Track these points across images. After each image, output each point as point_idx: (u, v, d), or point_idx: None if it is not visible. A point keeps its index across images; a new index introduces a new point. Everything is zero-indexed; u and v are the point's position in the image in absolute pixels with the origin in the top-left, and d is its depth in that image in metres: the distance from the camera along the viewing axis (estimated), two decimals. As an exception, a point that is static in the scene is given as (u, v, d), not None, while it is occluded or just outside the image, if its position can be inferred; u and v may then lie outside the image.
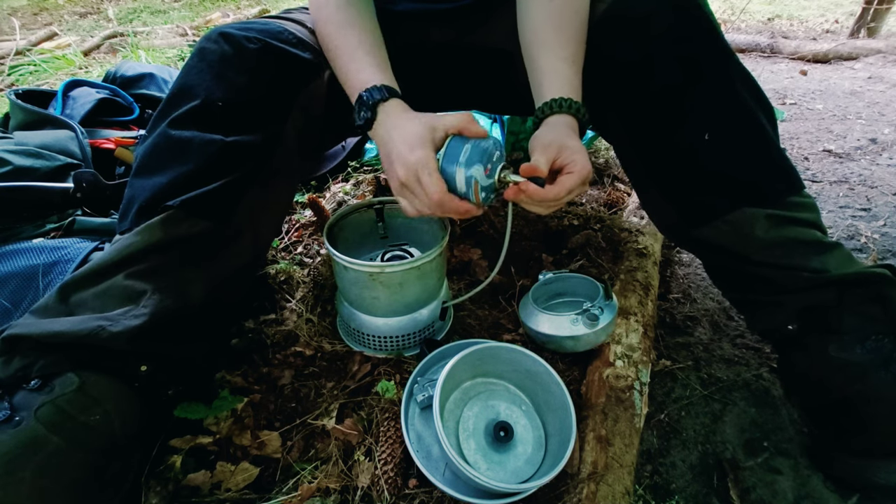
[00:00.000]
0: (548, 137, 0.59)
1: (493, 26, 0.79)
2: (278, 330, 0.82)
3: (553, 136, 0.59)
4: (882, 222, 1.21)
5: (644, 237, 1.03)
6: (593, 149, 1.49)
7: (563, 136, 0.59)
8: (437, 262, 0.75)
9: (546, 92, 0.64)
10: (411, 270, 0.71)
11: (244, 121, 0.64)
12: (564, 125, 0.62)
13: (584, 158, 0.58)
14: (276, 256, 1.01)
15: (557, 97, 0.63)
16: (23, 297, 0.79)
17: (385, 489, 0.60)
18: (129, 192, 0.64)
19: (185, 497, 0.60)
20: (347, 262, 0.70)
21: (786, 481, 0.66)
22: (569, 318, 0.75)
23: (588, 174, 0.59)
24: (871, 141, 1.66)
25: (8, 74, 2.27)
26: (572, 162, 0.58)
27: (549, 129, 0.61)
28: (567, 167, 0.58)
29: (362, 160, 1.38)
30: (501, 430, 0.61)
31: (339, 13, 0.69)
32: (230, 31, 0.67)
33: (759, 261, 0.65)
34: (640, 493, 0.63)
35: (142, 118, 1.33)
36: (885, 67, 2.39)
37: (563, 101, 0.63)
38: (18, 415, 0.50)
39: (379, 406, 0.70)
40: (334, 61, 0.69)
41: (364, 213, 0.86)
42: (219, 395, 0.69)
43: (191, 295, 0.61)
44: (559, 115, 0.63)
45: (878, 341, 0.60)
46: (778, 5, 3.70)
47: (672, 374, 0.81)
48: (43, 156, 1.00)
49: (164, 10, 3.97)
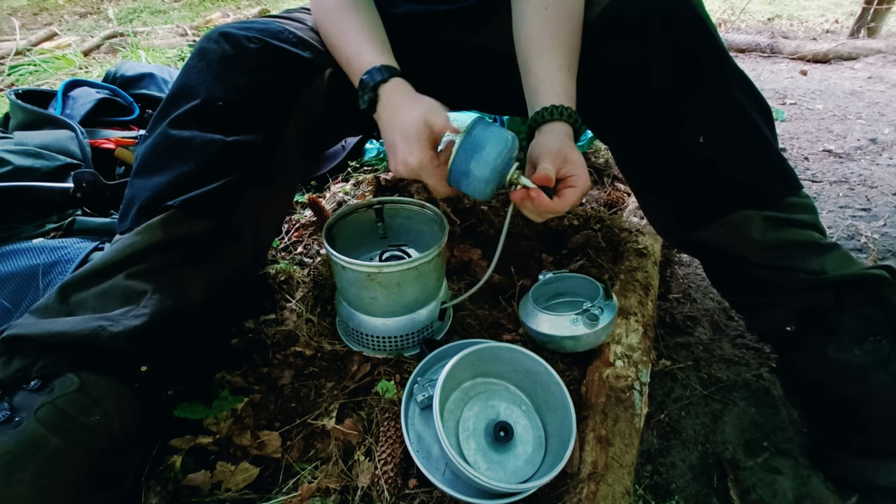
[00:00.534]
0: (553, 147, 0.59)
1: (493, 28, 0.79)
2: (278, 330, 0.82)
3: (558, 146, 0.59)
4: (882, 222, 1.21)
5: (644, 237, 1.03)
6: (593, 149, 1.49)
7: (567, 148, 0.60)
8: (436, 263, 0.75)
9: (542, 98, 0.64)
10: (409, 271, 0.71)
11: (244, 121, 0.64)
12: (564, 134, 0.62)
13: (585, 173, 0.59)
14: (276, 256, 1.01)
15: (553, 105, 0.63)
16: (23, 297, 0.79)
17: (385, 489, 0.60)
18: (130, 191, 0.64)
19: (185, 497, 0.60)
20: (346, 263, 0.70)
21: (786, 481, 0.66)
22: (569, 318, 0.75)
23: (588, 189, 0.60)
24: (871, 141, 1.66)
25: (8, 74, 2.27)
26: (575, 176, 0.58)
27: (552, 138, 0.61)
28: (569, 180, 0.58)
29: (362, 160, 1.38)
30: (501, 430, 0.61)
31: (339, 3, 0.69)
32: (230, 30, 0.67)
33: (757, 262, 0.65)
34: (640, 493, 0.63)
35: (142, 118, 1.33)
36: (885, 67, 2.39)
37: (559, 109, 0.62)
38: (18, 415, 0.50)
39: (379, 406, 0.70)
40: (335, 50, 0.70)
41: (363, 212, 0.86)
42: (219, 395, 0.69)
43: (191, 295, 0.61)
44: (556, 123, 0.63)
45: (876, 342, 0.60)
46: (778, 5, 3.70)
47: (672, 374, 0.81)
48: (43, 156, 1.00)
49: (164, 10, 3.97)
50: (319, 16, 0.72)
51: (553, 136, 0.61)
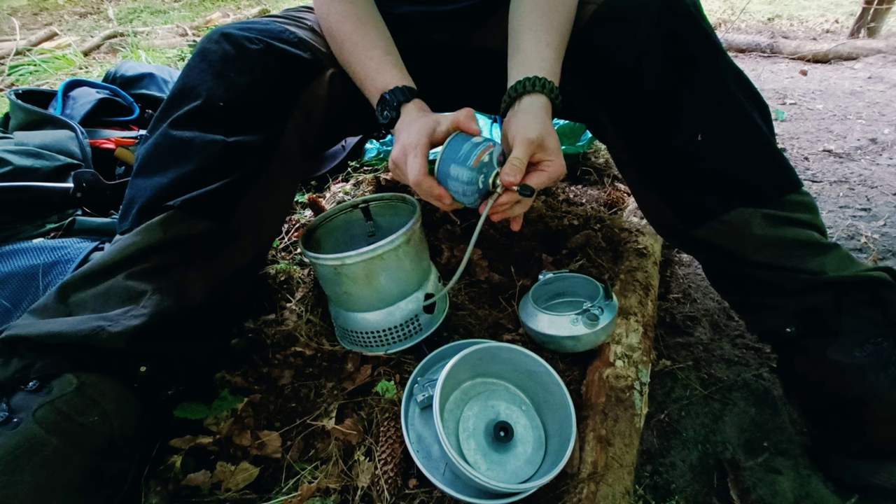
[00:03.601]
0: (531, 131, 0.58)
1: (493, 28, 0.79)
2: (278, 330, 0.82)
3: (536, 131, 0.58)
4: (882, 222, 1.21)
5: (644, 237, 1.03)
6: (593, 149, 1.49)
7: (544, 132, 0.58)
8: (405, 251, 0.71)
9: (526, 69, 0.63)
10: (374, 260, 0.69)
11: (246, 121, 0.64)
12: (542, 109, 0.61)
13: (559, 158, 0.59)
14: (276, 256, 1.01)
15: (534, 76, 0.61)
16: (23, 297, 0.79)
17: (385, 489, 0.60)
18: (130, 191, 0.64)
19: (185, 497, 0.60)
20: (313, 258, 0.70)
21: (786, 481, 0.66)
22: (569, 318, 0.75)
23: (559, 175, 0.60)
24: (871, 141, 1.66)
25: (8, 74, 2.28)
26: (548, 161, 0.59)
27: (529, 119, 0.60)
28: (541, 165, 0.59)
29: (362, 160, 1.38)
30: (501, 430, 0.61)
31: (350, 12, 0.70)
32: (232, 31, 0.67)
33: (756, 262, 0.65)
34: (640, 493, 0.63)
35: (142, 118, 1.33)
36: (885, 67, 2.39)
37: (539, 80, 0.61)
38: (17, 416, 0.50)
39: (379, 406, 0.70)
40: (349, 59, 0.70)
41: (350, 213, 0.85)
42: (219, 395, 0.69)
43: (191, 295, 0.61)
44: (535, 95, 0.61)
45: (877, 344, 0.60)
46: (778, 5, 3.70)
47: (672, 374, 0.81)
48: (43, 156, 1.00)
49: (164, 10, 3.97)
50: (328, 26, 0.72)
51: (531, 117, 0.60)
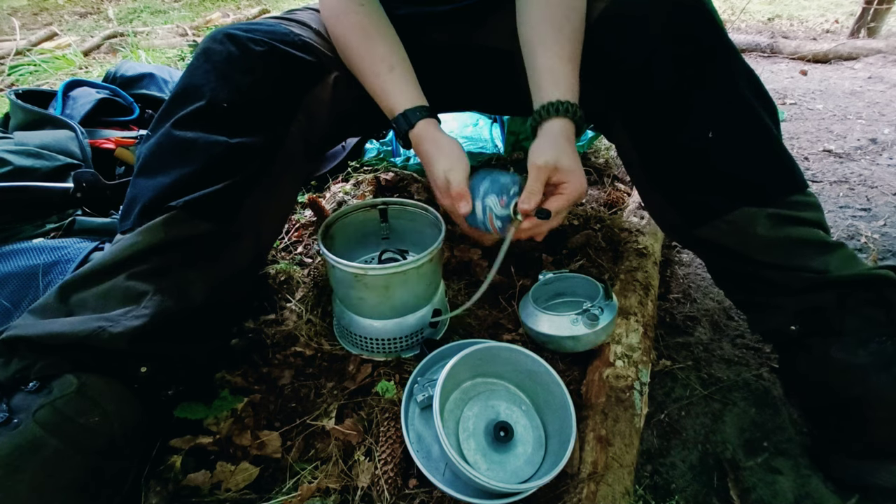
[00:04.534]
0: (548, 157, 0.61)
1: (493, 27, 0.79)
2: (278, 330, 0.82)
3: (549, 154, 0.61)
4: (882, 222, 1.21)
5: (644, 237, 1.03)
6: (593, 149, 1.49)
7: (560, 154, 0.61)
8: (426, 269, 0.73)
9: (544, 94, 0.65)
10: (396, 275, 0.70)
11: (249, 122, 0.64)
12: (561, 135, 0.63)
13: (577, 178, 0.61)
14: (277, 256, 1.01)
15: (555, 100, 0.63)
16: (23, 297, 0.79)
17: (385, 489, 0.60)
18: (132, 191, 0.64)
19: (185, 497, 0.60)
20: (334, 262, 0.70)
21: (786, 481, 0.66)
22: (569, 318, 0.75)
23: (580, 195, 0.62)
24: (871, 141, 1.66)
25: (8, 74, 2.27)
26: (565, 183, 0.61)
27: (547, 144, 0.62)
28: (559, 188, 0.61)
29: (362, 160, 1.38)
30: (501, 430, 0.61)
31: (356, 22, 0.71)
32: (236, 32, 0.67)
33: (761, 261, 0.65)
34: (640, 493, 0.63)
35: (142, 118, 1.33)
36: (885, 67, 2.39)
37: (560, 105, 0.63)
38: (17, 417, 0.50)
39: (379, 406, 0.70)
40: (354, 70, 0.72)
41: (367, 212, 0.85)
42: (219, 395, 0.69)
43: (192, 296, 0.61)
44: (555, 121, 0.64)
45: (880, 343, 0.60)
46: (778, 5, 3.70)
47: (672, 374, 0.81)
48: (43, 156, 1.00)
49: (164, 10, 3.97)
50: (334, 33, 0.73)
51: (544, 142, 0.63)
